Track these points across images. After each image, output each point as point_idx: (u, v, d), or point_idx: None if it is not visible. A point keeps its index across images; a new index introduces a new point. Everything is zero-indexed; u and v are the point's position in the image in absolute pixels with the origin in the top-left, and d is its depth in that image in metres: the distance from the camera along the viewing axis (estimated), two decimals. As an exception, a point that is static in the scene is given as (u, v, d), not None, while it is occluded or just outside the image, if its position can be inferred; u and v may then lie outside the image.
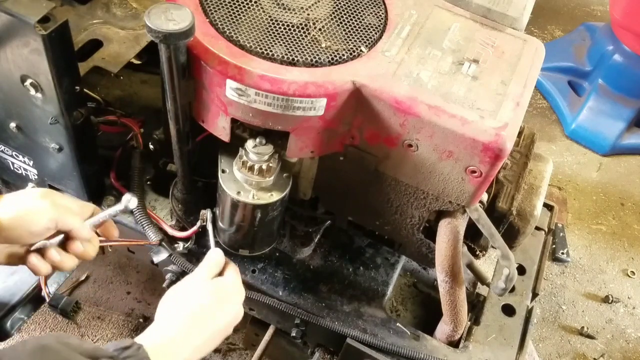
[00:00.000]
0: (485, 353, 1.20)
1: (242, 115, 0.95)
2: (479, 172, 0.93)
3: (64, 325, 1.80)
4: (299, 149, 0.99)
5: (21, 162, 1.24)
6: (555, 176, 2.58)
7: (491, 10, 1.07)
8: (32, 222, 0.88)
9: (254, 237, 1.13)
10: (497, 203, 1.07)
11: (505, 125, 0.90)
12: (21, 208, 0.89)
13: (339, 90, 0.91)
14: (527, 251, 1.38)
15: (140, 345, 0.81)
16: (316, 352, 1.29)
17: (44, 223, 0.89)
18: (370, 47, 0.98)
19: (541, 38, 3.00)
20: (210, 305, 0.94)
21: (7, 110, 1.11)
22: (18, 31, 0.93)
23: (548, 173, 1.17)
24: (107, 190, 1.29)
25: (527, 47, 1.04)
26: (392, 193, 1.07)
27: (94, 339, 1.78)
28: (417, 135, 0.94)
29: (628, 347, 2.08)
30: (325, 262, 1.29)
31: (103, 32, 1.26)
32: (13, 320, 1.34)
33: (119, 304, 1.87)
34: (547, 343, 2.05)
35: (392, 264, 1.31)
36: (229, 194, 1.02)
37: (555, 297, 2.18)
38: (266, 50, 0.92)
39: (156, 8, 0.84)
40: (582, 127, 2.74)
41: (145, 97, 1.51)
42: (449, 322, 1.16)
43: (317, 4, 1.00)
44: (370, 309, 1.23)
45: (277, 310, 1.21)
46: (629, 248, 2.38)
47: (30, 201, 0.90)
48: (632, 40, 2.62)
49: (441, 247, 1.05)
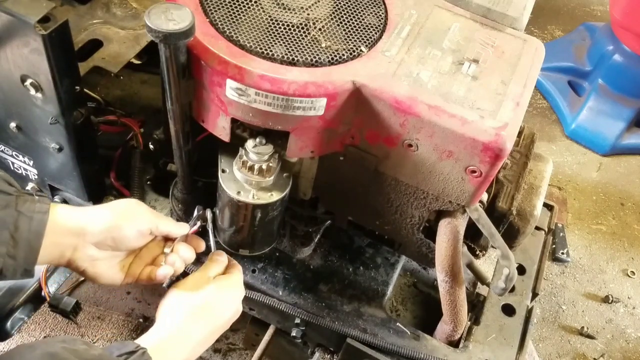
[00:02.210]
0: (485, 353, 1.20)
1: (242, 115, 0.95)
2: (479, 172, 0.93)
3: (64, 325, 1.80)
4: (299, 149, 0.99)
5: (21, 162, 1.24)
6: (555, 176, 2.58)
7: (491, 10, 1.07)
8: (139, 221, 0.94)
9: (253, 237, 1.13)
10: (497, 203, 1.07)
11: (505, 125, 0.90)
12: (128, 207, 0.94)
13: (339, 90, 0.91)
14: (527, 251, 1.38)
15: (144, 350, 0.81)
16: (316, 352, 1.29)
17: (147, 224, 0.94)
18: (370, 47, 0.98)
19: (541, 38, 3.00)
20: (211, 302, 0.95)
21: (7, 110, 1.11)
22: (18, 31, 0.93)
23: (548, 173, 1.17)
24: (107, 190, 1.30)
25: (527, 47, 1.04)
26: (392, 193, 1.07)
27: (93, 339, 1.79)
28: (417, 135, 0.94)
29: (628, 347, 2.08)
30: (325, 262, 1.29)
31: (103, 32, 1.26)
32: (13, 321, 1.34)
33: (119, 304, 1.87)
34: (547, 343, 2.05)
35: (392, 264, 1.31)
36: (229, 193, 1.02)
37: (555, 297, 2.18)
38: (266, 50, 0.92)
39: (156, 8, 0.84)
40: (582, 127, 2.74)
41: (145, 97, 1.51)
42: (449, 322, 1.16)
43: (317, 4, 1.01)
44: (370, 308, 1.23)
45: (277, 310, 1.21)
46: (629, 248, 2.38)
47: (131, 204, 0.96)
48: (632, 40, 2.62)
49: (441, 247, 1.05)
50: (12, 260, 0.81)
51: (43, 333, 1.77)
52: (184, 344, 0.90)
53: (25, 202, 0.83)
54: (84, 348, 0.76)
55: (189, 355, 0.90)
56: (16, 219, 0.81)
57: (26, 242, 0.82)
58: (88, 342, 0.79)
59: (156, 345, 0.85)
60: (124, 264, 0.98)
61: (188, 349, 0.90)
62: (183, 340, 0.90)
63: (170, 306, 0.94)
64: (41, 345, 0.74)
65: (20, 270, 0.82)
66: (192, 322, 0.92)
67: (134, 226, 0.93)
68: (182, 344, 0.89)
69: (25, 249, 0.82)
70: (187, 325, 0.91)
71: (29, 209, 0.83)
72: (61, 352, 0.73)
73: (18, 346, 0.75)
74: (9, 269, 0.81)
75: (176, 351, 0.88)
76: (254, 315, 1.30)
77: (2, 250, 0.80)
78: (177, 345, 0.89)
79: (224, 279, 0.99)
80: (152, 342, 0.86)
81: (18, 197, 0.83)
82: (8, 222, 0.80)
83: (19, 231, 0.81)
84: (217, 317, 0.96)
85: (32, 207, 0.84)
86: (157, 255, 1.01)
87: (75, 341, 0.77)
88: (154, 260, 1.00)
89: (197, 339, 0.91)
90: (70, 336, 1.12)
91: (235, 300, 1.00)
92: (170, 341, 0.88)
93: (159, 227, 0.97)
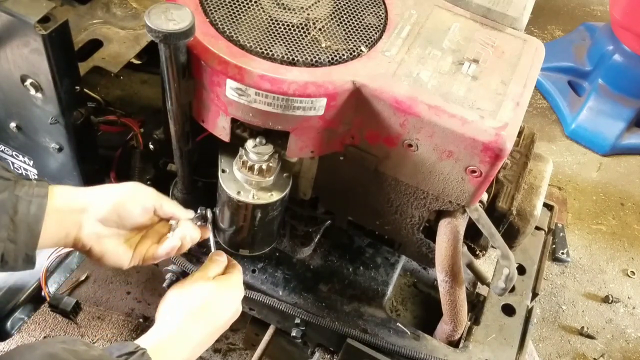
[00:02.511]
0: (485, 353, 1.20)
1: (242, 115, 0.95)
2: (479, 172, 0.93)
3: (64, 325, 1.80)
4: (299, 149, 0.99)
5: (21, 162, 1.24)
6: (555, 176, 2.58)
7: (491, 10, 1.07)
8: (143, 198, 0.95)
9: (254, 237, 1.13)
10: (497, 203, 1.07)
11: (505, 125, 0.90)
12: (132, 186, 0.95)
13: (339, 90, 0.91)
14: (527, 251, 1.38)
15: (144, 351, 0.81)
16: (316, 352, 1.29)
17: (151, 201, 0.95)
18: (370, 47, 0.98)
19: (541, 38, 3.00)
20: (211, 302, 0.95)
21: (7, 110, 1.11)
22: (18, 31, 0.93)
23: (548, 173, 1.17)
24: (107, 190, 1.30)
25: (527, 47, 1.04)
26: (392, 193, 1.07)
27: (93, 339, 1.78)
28: (417, 135, 0.94)
29: (628, 347, 2.08)
30: (325, 262, 1.29)
31: (103, 32, 1.26)
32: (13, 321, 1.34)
33: (119, 304, 1.87)
34: (547, 343, 2.05)
35: (392, 263, 1.31)
36: (229, 193, 1.02)
37: (555, 297, 2.18)
38: (266, 50, 0.92)
39: (156, 8, 0.84)
40: (582, 127, 2.74)
41: (145, 97, 1.51)
42: (449, 321, 1.16)
43: (317, 4, 1.01)
44: (370, 308, 1.23)
45: (277, 310, 1.21)
46: (629, 248, 2.38)
47: (135, 184, 0.97)
48: (632, 40, 2.62)
49: (441, 247, 1.05)
50: (13, 244, 0.81)
51: (43, 333, 1.77)
52: (183, 345, 0.90)
53: (24, 187, 0.83)
54: (83, 349, 0.76)
55: (189, 355, 0.90)
56: (15, 203, 0.81)
57: (26, 226, 0.82)
58: (88, 342, 0.79)
59: (156, 346, 0.85)
60: (131, 244, 0.96)
61: (188, 349, 0.90)
62: (183, 341, 0.90)
63: (170, 306, 0.94)
64: (41, 346, 0.74)
65: (21, 256, 0.82)
66: (192, 323, 0.92)
67: (138, 203, 0.94)
68: (182, 344, 0.89)
69: (26, 233, 0.82)
70: (187, 325, 0.91)
71: (27, 192, 0.83)
72: (61, 352, 0.73)
73: (18, 346, 0.75)
74: (10, 254, 0.81)
75: (176, 351, 0.88)
76: (254, 315, 1.31)
77: (3, 235, 0.80)
78: (177, 345, 0.89)
79: (224, 279, 0.99)
80: (151, 342, 0.86)
81: (16, 182, 0.83)
82: (7, 206, 0.80)
83: (18, 215, 0.81)
84: (217, 318, 0.96)
85: (31, 190, 0.84)
86: (164, 235, 1.00)
87: (75, 342, 0.77)
88: (160, 239, 0.99)
89: (197, 340, 0.92)
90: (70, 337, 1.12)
91: (235, 301, 1.00)
92: (170, 341, 0.88)
93: (164, 207, 0.97)
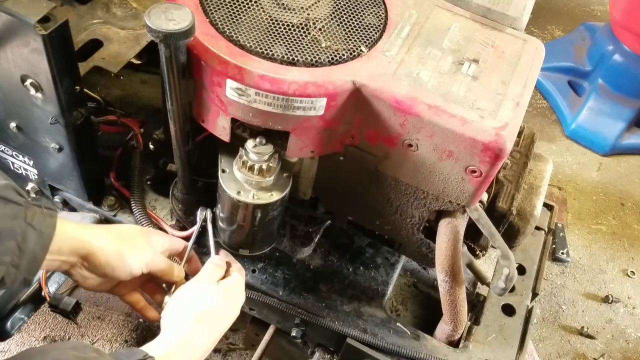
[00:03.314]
0: (485, 353, 1.20)
1: (242, 115, 0.95)
2: (479, 171, 0.93)
3: (64, 325, 1.80)
4: (299, 149, 0.99)
5: (21, 162, 1.24)
6: (555, 176, 2.58)
7: (491, 10, 1.07)
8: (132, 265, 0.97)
9: (253, 237, 1.13)
10: (497, 203, 1.07)
11: (505, 125, 0.90)
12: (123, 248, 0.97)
13: (339, 90, 0.91)
14: (527, 251, 1.38)
15: (152, 358, 0.81)
16: (316, 352, 1.28)
17: (140, 266, 0.98)
18: (370, 47, 0.98)
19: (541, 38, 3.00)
20: (216, 308, 0.96)
21: (7, 110, 1.11)
22: (18, 31, 0.93)
23: (548, 173, 1.17)
24: (107, 190, 1.29)
25: (527, 47, 1.04)
26: (392, 193, 1.07)
27: (93, 339, 1.78)
28: (417, 135, 0.94)
29: (628, 347, 2.08)
30: (325, 262, 1.29)
31: (103, 32, 1.26)
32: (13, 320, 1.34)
33: (119, 304, 1.87)
34: (547, 343, 2.05)
35: (392, 263, 1.31)
36: (229, 193, 1.02)
37: (555, 297, 2.18)
38: (266, 50, 0.92)
39: (156, 8, 0.84)
40: (582, 127, 2.74)
41: (145, 97, 1.51)
42: (449, 322, 1.16)
43: (317, 4, 1.00)
44: (370, 308, 1.23)
45: (277, 310, 1.21)
46: (629, 248, 2.38)
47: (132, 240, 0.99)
48: (632, 40, 2.62)
49: (441, 247, 1.05)
50: (15, 269, 0.80)
51: (43, 333, 1.77)
52: (191, 352, 0.90)
53: (35, 215, 0.82)
54: (94, 356, 0.76)
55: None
56: (24, 230, 0.81)
57: (31, 253, 0.82)
58: (98, 349, 0.79)
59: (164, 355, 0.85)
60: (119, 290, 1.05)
61: (196, 356, 0.91)
62: (190, 348, 0.90)
63: (176, 314, 0.94)
64: (52, 352, 0.74)
65: (20, 279, 0.82)
66: (199, 329, 0.92)
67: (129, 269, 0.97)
68: (189, 351, 0.90)
69: (29, 260, 0.82)
70: (194, 332, 0.91)
71: (39, 222, 0.83)
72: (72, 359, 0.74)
73: (28, 349, 0.75)
74: (11, 277, 0.81)
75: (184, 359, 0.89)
76: (254, 315, 1.30)
77: (7, 259, 0.79)
78: (185, 353, 0.89)
79: (228, 283, 1.00)
80: (159, 351, 0.86)
81: (27, 207, 0.82)
82: (16, 232, 0.80)
83: (26, 243, 0.81)
84: (222, 322, 0.97)
85: (42, 221, 0.83)
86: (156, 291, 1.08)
87: (85, 348, 0.77)
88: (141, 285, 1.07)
89: (203, 346, 0.92)
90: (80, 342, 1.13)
91: (238, 304, 1.01)
92: (178, 350, 0.88)
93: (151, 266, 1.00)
